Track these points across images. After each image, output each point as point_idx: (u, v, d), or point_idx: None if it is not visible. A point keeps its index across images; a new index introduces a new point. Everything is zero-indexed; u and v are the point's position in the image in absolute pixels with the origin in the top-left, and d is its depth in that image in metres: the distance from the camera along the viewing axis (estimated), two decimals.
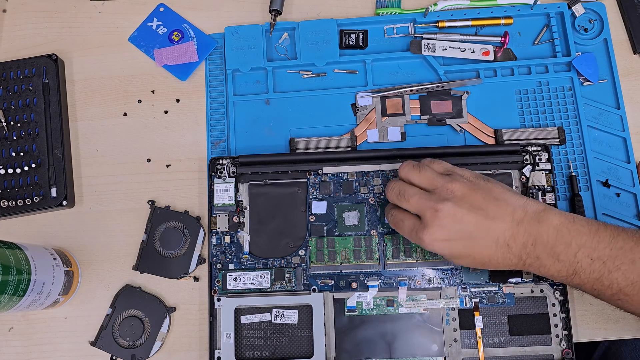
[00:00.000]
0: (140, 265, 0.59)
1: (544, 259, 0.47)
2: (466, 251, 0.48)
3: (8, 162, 0.61)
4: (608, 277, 0.45)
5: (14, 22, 0.67)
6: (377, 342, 0.55)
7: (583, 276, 0.46)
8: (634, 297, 0.45)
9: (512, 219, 0.47)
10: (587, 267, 0.46)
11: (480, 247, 0.47)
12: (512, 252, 0.47)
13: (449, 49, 0.63)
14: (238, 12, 0.66)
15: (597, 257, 0.45)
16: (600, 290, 0.46)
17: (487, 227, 0.47)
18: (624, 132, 0.61)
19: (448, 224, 0.47)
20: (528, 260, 0.47)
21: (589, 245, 0.46)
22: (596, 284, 0.46)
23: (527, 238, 0.46)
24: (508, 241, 0.47)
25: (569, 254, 0.46)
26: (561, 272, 0.47)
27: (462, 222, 0.47)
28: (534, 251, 0.46)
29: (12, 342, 0.59)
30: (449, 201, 0.47)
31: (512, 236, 0.47)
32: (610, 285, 0.45)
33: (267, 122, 0.63)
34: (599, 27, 0.63)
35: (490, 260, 0.48)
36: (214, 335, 0.56)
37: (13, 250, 0.51)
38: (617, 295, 0.46)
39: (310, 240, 0.58)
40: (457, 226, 0.47)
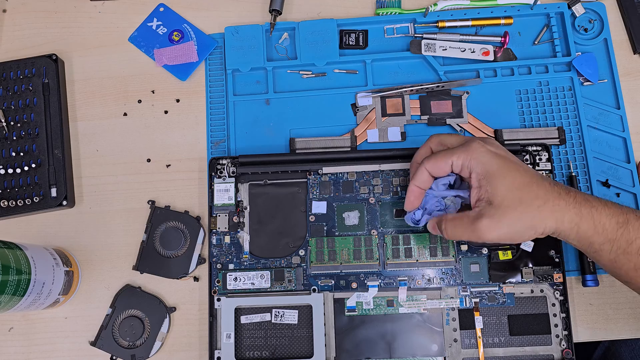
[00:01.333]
0: (140, 265, 0.59)
1: (593, 201, 0.45)
2: (513, 164, 0.46)
3: (8, 162, 0.61)
4: None
5: (14, 22, 0.67)
6: (377, 342, 0.55)
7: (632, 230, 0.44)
8: None
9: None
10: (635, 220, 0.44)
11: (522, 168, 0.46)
12: (559, 185, 0.46)
13: (449, 49, 0.63)
14: (238, 12, 0.66)
15: None
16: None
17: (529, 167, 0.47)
18: (624, 132, 0.61)
19: (496, 143, 0.48)
20: (577, 197, 0.45)
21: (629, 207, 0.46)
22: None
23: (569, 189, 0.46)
24: (549, 179, 0.47)
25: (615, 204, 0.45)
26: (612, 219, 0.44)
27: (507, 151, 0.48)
28: (580, 193, 0.45)
29: (12, 342, 0.59)
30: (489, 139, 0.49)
31: (552, 180, 0.47)
32: None
33: (267, 122, 0.63)
34: (599, 27, 0.63)
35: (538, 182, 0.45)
36: (214, 335, 0.56)
37: (13, 250, 0.51)
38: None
39: (310, 240, 0.58)
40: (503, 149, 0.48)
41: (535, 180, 0.45)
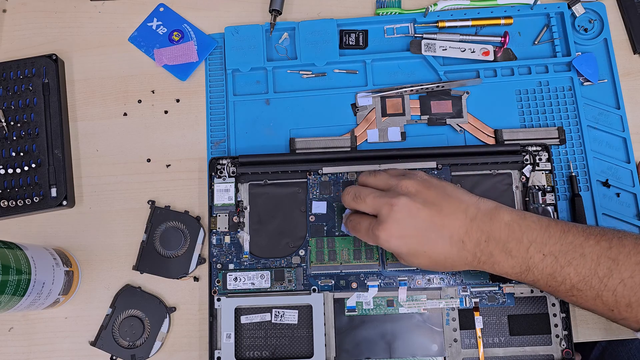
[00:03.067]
0: (140, 265, 0.59)
1: (497, 255, 0.47)
2: (421, 248, 0.47)
3: (8, 162, 0.61)
4: (560, 272, 0.45)
5: (14, 22, 0.67)
6: (377, 342, 0.55)
7: (536, 272, 0.46)
8: (587, 293, 0.45)
9: (466, 215, 0.47)
10: (539, 262, 0.46)
11: (436, 244, 0.47)
12: (467, 249, 0.47)
13: (449, 49, 0.63)
14: (238, 12, 0.66)
15: (549, 252, 0.46)
16: (554, 287, 0.47)
17: (442, 223, 0.47)
18: (624, 132, 0.61)
19: (403, 219, 0.47)
20: (482, 257, 0.47)
21: (540, 240, 0.46)
22: (550, 280, 0.46)
23: (480, 235, 0.47)
24: (462, 237, 0.47)
25: (521, 249, 0.46)
26: (515, 269, 0.47)
27: (417, 216, 0.47)
28: (487, 248, 0.47)
29: (12, 342, 0.59)
30: (403, 196, 0.48)
31: (466, 233, 0.47)
32: (563, 281, 0.46)
33: (267, 122, 0.63)
34: (599, 27, 0.63)
35: (446, 258, 0.48)
36: (214, 335, 0.56)
37: (13, 250, 0.51)
38: (571, 291, 0.46)
39: (310, 240, 0.58)
40: (412, 221, 0.47)
41: (442, 258, 0.48)
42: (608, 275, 0.44)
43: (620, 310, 0.45)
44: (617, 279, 0.44)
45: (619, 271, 0.44)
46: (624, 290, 0.44)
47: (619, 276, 0.44)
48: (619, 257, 0.44)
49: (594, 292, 0.45)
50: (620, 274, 0.44)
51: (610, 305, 0.45)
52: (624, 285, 0.44)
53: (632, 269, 0.44)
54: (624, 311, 0.45)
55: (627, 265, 0.44)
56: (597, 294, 0.45)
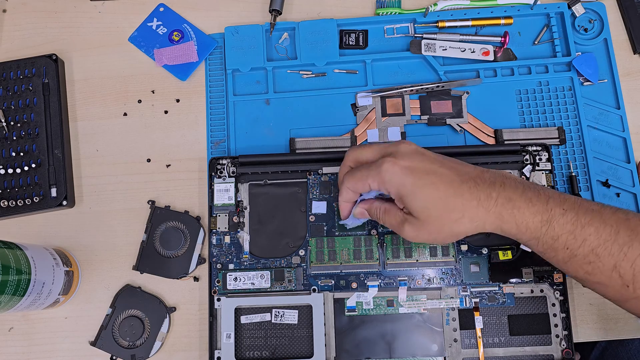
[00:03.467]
0: (140, 265, 0.59)
1: (516, 200, 0.44)
2: (427, 178, 0.45)
3: (8, 162, 0.61)
4: (581, 232, 0.43)
5: (14, 22, 0.67)
6: (377, 342, 0.55)
7: (557, 227, 0.43)
8: (605, 261, 0.43)
9: (475, 168, 0.46)
10: (560, 216, 0.43)
11: (443, 175, 0.45)
12: (480, 189, 0.44)
13: (449, 49, 0.63)
14: (238, 12, 0.66)
15: (569, 208, 0.44)
16: (573, 250, 0.44)
17: (450, 165, 0.46)
18: (624, 132, 0.61)
19: (409, 152, 0.46)
20: (499, 199, 0.44)
21: (558, 197, 0.44)
22: (570, 239, 0.43)
23: (494, 179, 0.45)
24: (474, 178, 0.45)
25: (541, 199, 0.44)
26: (536, 217, 0.44)
27: (423, 153, 0.46)
28: (504, 191, 0.44)
29: (12, 342, 0.59)
30: (406, 144, 0.47)
31: (478, 175, 0.45)
32: (583, 243, 0.43)
33: (267, 122, 0.63)
34: (599, 27, 0.63)
35: (455, 194, 0.44)
36: (214, 335, 0.56)
37: (13, 250, 0.51)
38: (589, 256, 0.43)
39: (310, 240, 0.58)
40: (417, 156, 0.46)
41: (452, 192, 0.44)
42: (628, 244, 0.42)
43: (636, 286, 0.42)
44: (638, 249, 0.42)
45: (639, 242, 0.42)
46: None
47: (639, 247, 0.42)
48: (638, 228, 0.42)
49: (612, 261, 0.42)
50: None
51: (627, 279, 0.42)
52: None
53: None
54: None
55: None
56: (615, 264, 0.42)
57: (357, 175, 0.48)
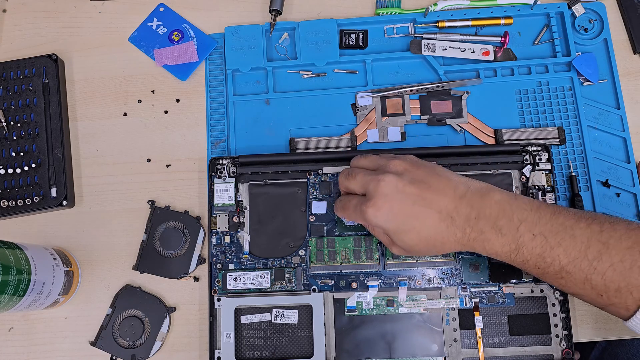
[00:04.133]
0: (140, 265, 0.59)
1: (487, 233, 0.46)
2: (410, 223, 0.47)
3: (8, 162, 0.61)
4: (550, 253, 0.45)
5: (14, 22, 0.67)
6: (377, 342, 0.55)
7: (526, 252, 0.46)
8: (576, 276, 0.44)
9: (455, 192, 0.48)
10: (529, 242, 0.45)
11: (424, 219, 0.47)
12: (456, 225, 0.47)
13: (449, 49, 0.63)
14: (238, 12, 0.66)
15: (539, 232, 0.45)
16: (543, 269, 0.46)
17: (430, 198, 0.47)
18: (624, 132, 0.61)
19: (391, 194, 0.47)
20: (472, 234, 0.47)
21: (531, 220, 0.46)
22: (539, 260, 0.45)
23: (470, 211, 0.47)
24: (451, 213, 0.47)
25: (512, 227, 0.46)
26: (504, 247, 0.46)
27: (404, 192, 0.47)
28: (477, 224, 0.46)
29: (12, 342, 0.59)
30: (391, 173, 0.48)
31: (455, 208, 0.47)
32: (552, 263, 0.45)
33: (267, 122, 0.63)
34: (599, 27, 0.63)
35: (435, 234, 0.47)
36: (214, 335, 0.56)
37: (13, 250, 0.51)
38: (560, 273, 0.45)
39: (310, 240, 0.58)
40: (399, 196, 0.47)
41: (433, 232, 0.48)
42: (598, 258, 0.43)
43: (610, 295, 0.44)
44: (607, 262, 0.43)
45: (609, 255, 0.43)
46: (614, 275, 0.43)
47: (609, 260, 0.43)
48: (609, 241, 0.43)
49: (583, 275, 0.44)
50: (611, 257, 0.43)
51: (599, 289, 0.44)
52: (613, 269, 0.43)
53: (622, 254, 0.43)
54: (613, 296, 0.44)
55: (618, 249, 0.43)
56: (586, 277, 0.44)
57: (346, 213, 0.52)
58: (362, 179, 0.50)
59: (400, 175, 0.48)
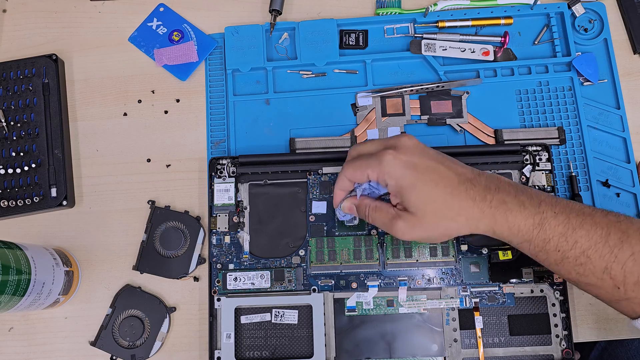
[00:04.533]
0: (140, 265, 0.59)
1: (509, 203, 0.45)
2: (427, 175, 0.45)
3: (8, 162, 0.61)
4: (572, 234, 0.44)
5: (14, 22, 0.67)
6: (377, 342, 0.55)
7: (549, 230, 0.44)
8: (596, 263, 0.43)
9: (472, 170, 0.47)
10: (552, 218, 0.44)
11: (442, 174, 0.45)
12: (476, 190, 0.45)
13: (449, 49, 0.63)
14: (238, 12, 0.66)
15: (560, 211, 0.44)
16: (564, 252, 0.44)
17: (449, 163, 0.46)
18: (624, 132, 0.61)
19: (410, 146, 0.46)
20: (494, 202, 0.45)
21: (549, 201, 0.45)
22: (561, 240, 0.44)
23: (489, 182, 0.46)
24: (471, 179, 0.46)
25: (533, 203, 0.45)
26: (528, 220, 0.44)
27: (424, 149, 0.47)
28: (498, 194, 0.45)
29: (12, 342, 0.59)
30: (408, 137, 0.47)
31: (474, 178, 0.46)
32: (574, 245, 0.44)
33: (267, 122, 0.63)
34: (599, 27, 0.63)
35: (452, 193, 0.45)
36: (214, 335, 0.56)
37: (13, 250, 0.51)
38: (580, 258, 0.44)
39: (310, 240, 0.58)
40: (418, 151, 0.46)
41: (450, 191, 0.45)
42: (619, 246, 0.42)
43: (627, 288, 0.43)
44: (628, 251, 0.42)
45: (629, 243, 0.42)
46: (634, 266, 0.42)
47: (629, 249, 0.42)
48: (629, 230, 0.43)
49: (604, 263, 0.43)
50: (632, 246, 0.42)
51: (618, 281, 0.43)
52: (634, 259, 0.42)
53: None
54: (631, 290, 0.43)
55: (638, 239, 0.42)
56: (606, 266, 0.43)
57: (356, 164, 0.48)
58: (379, 141, 0.48)
59: (417, 142, 0.47)
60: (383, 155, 0.46)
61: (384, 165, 0.46)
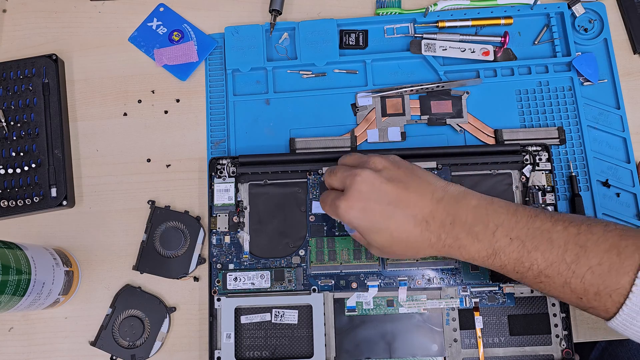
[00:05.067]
0: (140, 265, 0.59)
1: (463, 239, 0.46)
2: (383, 223, 0.46)
3: (8, 162, 0.61)
4: (528, 257, 0.44)
5: (14, 22, 0.67)
6: (377, 342, 0.55)
7: (503, 257, 0.45)
8: (555, 279, 0.44)
9: (432, 197, 0.47)
10: (506, 246, 0.45)
11: (398, 221, 0.46)
12: (431, 230, 0.46)
13: (449, 49, 0.63)
14: (238, 12, 0.66)
15: (516, 236, 0.45)
16: (522, 273, 0.45)
17: (406, 200, 0.46)
18: (624, 132, 0.61)
19: (365, 190, 0.46)
20: (447, 240, 0.46)
21: (507, 224, 0.45)
22: (517, 265, 0.45)
23: (445, 216, 0.46)
24: (427, 218, 0.46)
25: (488, 233, 0.45)
26: (481, 252, 0.45)
27: (380, 190, 0.46)
28: (453, 230, 0.46)
29: (12, 342, 0.59)
30: (369, 170, 0.47)
31: (430, 213, 0.46)
32: (530, 267, 0.44)
33: (267, 122, 0.63)
34: (599, 27, 0.63)
35: (409, 237, 0.46)
36: (214, 335, 0.56)
37: (13, 250, 0.51)
38: (539, 277, 0.45)
39: (310, 240, 0.58)
40: (374, 194, 0.46)
41: (405, 237, 0.47)
42: (576, 262, 0.43)
43: (589, 298, 0.43)
44: (585, 265, 0.43)
45: (587, 258, 0.43)
46: (592, 278, 0.42)
47: (586, 263, 0.42)
48: (587, 243, 0.43)
49: (562, 279, 0.43)
50: (589, 260, 0.42)
51: (578, 293, 0.44)
52: (592, 272, 0.42)
53: (600, 257, 0.42)
54: (593, 300, 0.43)
55: (595, 252, 0.42)
56: (565, 281, 0.43)
57: (325, 208, 0.50)
58: (341, 175, 0.49)
59: (378, 172, 0.47)
60: (338, 206, 0.47)
61: (342, 216, 0.48)
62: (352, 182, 0.47)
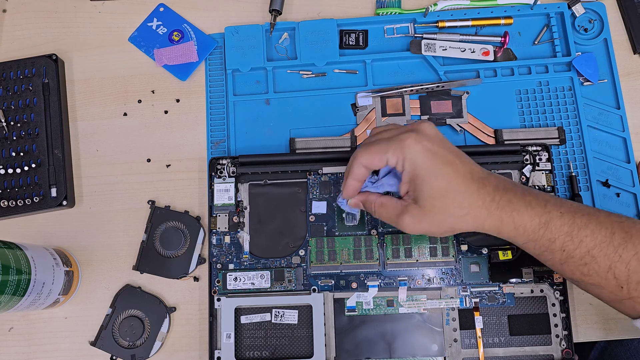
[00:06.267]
0: (140, 265, 0.59)
1: (516, 203, 0.45)
2: (445, 168, 0.45)
3: (8, 162, 0.61)
4: (578, 233, 0.44)
5: (14, 22, 0.67)
6: (377, 342, 0.55)
7: (554, 229, 0.45)
8: (601, 262, 0.44)
9: (481, 169, 0.47)
10: (557, 218, 0.45)
11: (459, 170, 0.45)
12: (486, 190, 0.45)
13: (449, 49, 0.63)
14: (238, 12, 0.66)
15: (566, 211, 0.45)
16: (569, 252, 0.45)
17: (464, 159, 0.46)
18: (624, 132, 0.61)
19: (431, 134, 0.46)
20: (501, 202, 0.45)
21: (555, 201, 0.46)
22: (567, 240, 0.45)
23: (497, 182, 0.46)
24: (482, 179, 0.46)
25: (540, 203, 0.45)
26: (534, 220, 0.45)
27: (443, 140, 0.46)
28: (506, 194, 0.45)
29: (12, 342, 0.59)
30: (428, 124, 0.47)
31: (484, 177, 0.46)
32: (579, 244, 0.44)
33: (267, 122, 0.63)
34: (599, 27, 0.63)
35: (466, 190, 0.45)
36: (214, 335, 0.56)
37: (13, 250, 0.51)
38: (585, 258, 0.44)
39: (310, 240, 0.58)
40: (438, 141, 0.46)
41: (463, 188, 0.45)
42: (623, 245, 0.43)
43: (631, 287, 0.43)
44: (632, 250, 0.43)
45: (633, 243, 0.43)
46: (637, 265, 0.43)
47: (633, 248, 0.43)
48: (631, 230, 0.44)
49: (608, 263, 0.43)
50: (635, 246, 0.43)
51: (621, 280, 0.43)
52: (637, 258, 0.43)
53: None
54: (634, 289, 0.43)
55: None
56: (610, 265, 0.43)
57: (374, 148, 0.46)
58: (398, 127, 0.47)
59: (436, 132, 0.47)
60: (405, 138, 0.45)
61: (405, 150, 0.45)
62: (417, 126, 0.46)
